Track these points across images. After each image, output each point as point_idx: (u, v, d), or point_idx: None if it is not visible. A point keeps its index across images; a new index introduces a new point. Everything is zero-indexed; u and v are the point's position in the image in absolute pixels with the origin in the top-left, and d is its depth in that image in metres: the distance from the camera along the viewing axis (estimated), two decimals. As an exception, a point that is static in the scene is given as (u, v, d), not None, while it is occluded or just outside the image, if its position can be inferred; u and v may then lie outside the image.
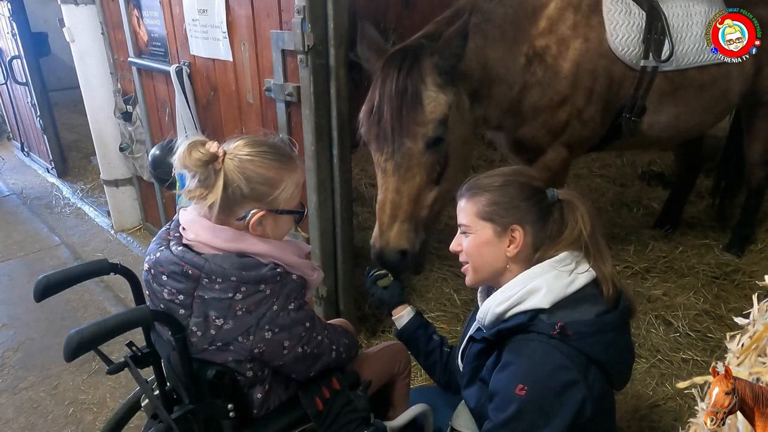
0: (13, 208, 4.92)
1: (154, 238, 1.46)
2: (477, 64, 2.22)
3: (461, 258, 1.43)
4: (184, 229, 1.39)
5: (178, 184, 1.45)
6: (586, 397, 1.18)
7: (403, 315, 1.75)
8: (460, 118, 2.11)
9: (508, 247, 1.34)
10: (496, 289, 1.38)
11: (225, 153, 1.33)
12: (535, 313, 1.26)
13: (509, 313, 1.30)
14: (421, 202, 2.05)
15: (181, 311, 1.33)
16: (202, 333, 1.33)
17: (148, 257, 1.41)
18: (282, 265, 1.39)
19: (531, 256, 1.35)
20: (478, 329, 1.43)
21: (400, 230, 2.00)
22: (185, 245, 1.37)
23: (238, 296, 1.31)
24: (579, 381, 1.18)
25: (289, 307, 1.39)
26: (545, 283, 1.28)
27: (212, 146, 1.32)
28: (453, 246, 1.45)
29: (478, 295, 1.54)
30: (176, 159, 1.32)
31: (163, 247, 1.38)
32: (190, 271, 1.30)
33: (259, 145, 1.37)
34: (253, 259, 1.35)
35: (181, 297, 1.33)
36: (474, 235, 1.37)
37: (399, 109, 1.93)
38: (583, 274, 1.31)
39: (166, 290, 1.34)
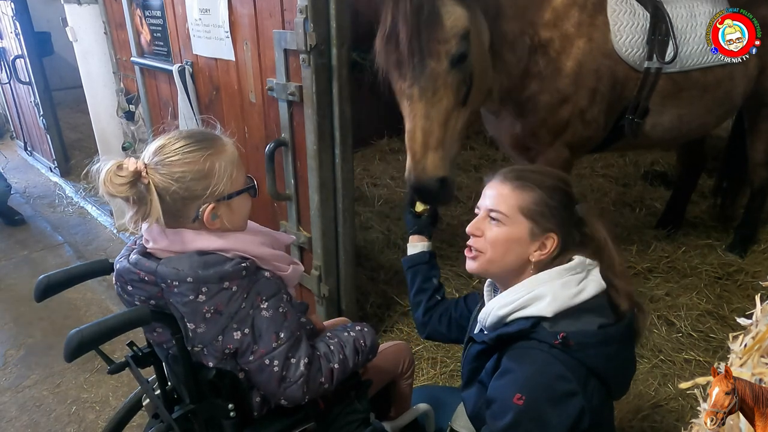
0: (16, 207, 4.93)
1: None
2: (492, 7, 2.14)
3: (477, 243, 1.34)
4: (147, 240, 1.35)
5: None
6: (584, 408, 1.16)
7: (417, 246, 1.76)
8: (478, 35, 2.02)
9: (535, 251, 1.29)
10: (501, 290, 1.36)
11: (146, 165, 1.26)
12: (538, 320, 1.23)
13: (511, 317, 1.27)
14: (450, 126, 1.96)
15: None
16: (184, 334, 1.32)
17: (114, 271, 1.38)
18: (250, 259, 1.32)
19: (548, 265, 1.31)
20: (480, 330, 1.41)
21: (436, 157, 1.92)
22: (146, 253, 1.33)
23: (201, 297, 1.25)
24: (578, 392, 1.16)
25: (261, 306, 1.31)
26: (551, 291, 1.24)
27: (130, 164, 1.24)
28: (472, 228, 1.35)
29: (485, 293, 1.49)
30: (102, 190, 1.24)
31: (123, 258, 1.35)
32: (146, 278, 1.27)
33: (176, 141, 1.29)
34: (216, 255, 1.29)
35: (152, 302, 1.31)
36: (507, 227, 1.29)
37: (417, 28, 1.82)
38: (591, 285, 1.27)
39: (136, 299, 1.33)
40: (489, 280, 1.48)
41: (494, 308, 1.30)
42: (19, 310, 3.49)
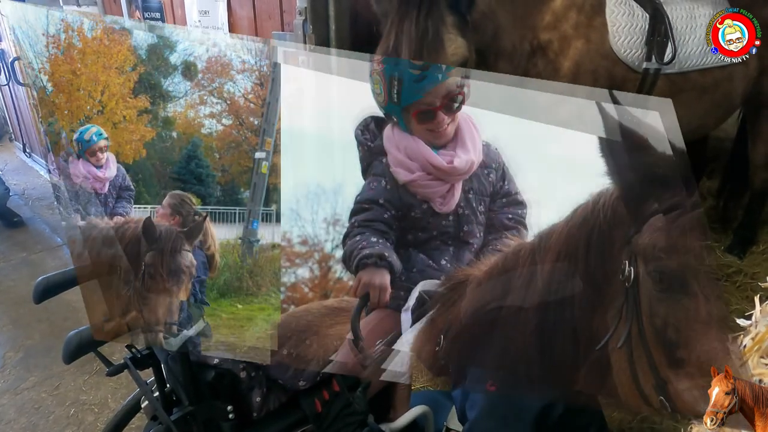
0: (15, 209, 4.93)
1: None
2: (489, 23, 2.18)
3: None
4: None
5: None
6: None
7: None
8: (472, 65, 2.06)
9: None
10: None
11: None
12: None
13: None
14: None
15: None
16: None
17: None
18: None
19: None
20: None
21: None
22: None
23: None
24: None
25: None
26: None
27: None
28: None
29: None
30: None
31: None
32: None
33: None
34: None
35: None
36: None
37: (419, 51, 1.86)
38: None
39: None
40: None
41: None
42: (18, 311, 3.48)
